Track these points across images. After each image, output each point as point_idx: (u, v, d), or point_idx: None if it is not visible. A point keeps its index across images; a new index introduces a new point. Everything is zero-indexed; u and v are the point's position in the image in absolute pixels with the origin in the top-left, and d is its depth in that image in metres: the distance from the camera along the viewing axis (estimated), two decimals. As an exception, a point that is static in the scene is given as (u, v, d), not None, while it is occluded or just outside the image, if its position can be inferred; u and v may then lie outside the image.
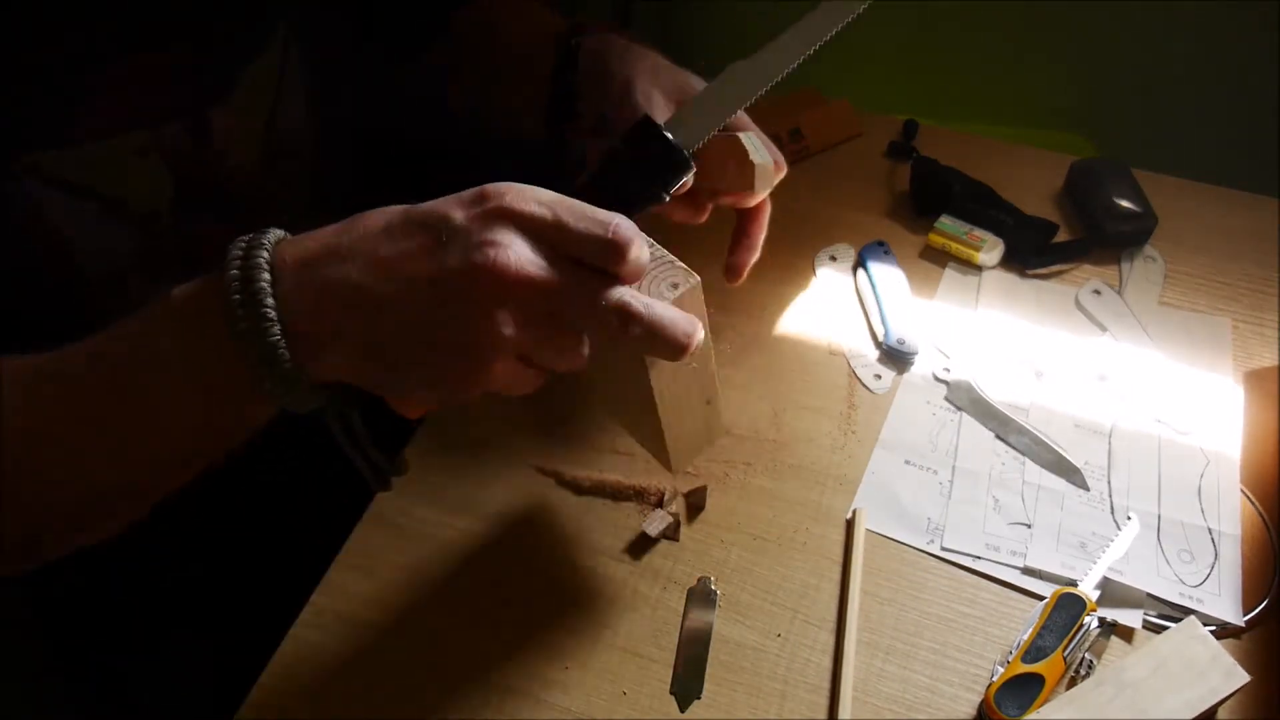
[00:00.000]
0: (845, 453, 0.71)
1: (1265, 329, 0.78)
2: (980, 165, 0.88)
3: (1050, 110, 1.37)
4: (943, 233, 0.83)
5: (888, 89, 1.38)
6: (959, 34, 1.36)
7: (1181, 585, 0.63)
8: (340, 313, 0.43)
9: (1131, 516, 0.66)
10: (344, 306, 0.43)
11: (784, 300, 0.81)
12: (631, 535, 0.66)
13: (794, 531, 0.66)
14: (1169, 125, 1.30)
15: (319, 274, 0.43)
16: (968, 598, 0.63)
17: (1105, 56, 1.31)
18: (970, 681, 0.59)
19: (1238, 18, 1.21)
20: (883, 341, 0.76)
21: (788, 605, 0.63)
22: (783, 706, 0.59)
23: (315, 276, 0.43)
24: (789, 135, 0.91)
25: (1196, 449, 0.71)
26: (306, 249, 0.44)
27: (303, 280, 0.43)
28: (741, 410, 0.73)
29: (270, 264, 0.43)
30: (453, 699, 0.59)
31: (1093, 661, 0.59)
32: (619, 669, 0.60)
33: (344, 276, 0.43)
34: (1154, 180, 0.87)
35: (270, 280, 0.43)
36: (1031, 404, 0.73)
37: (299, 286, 0.43)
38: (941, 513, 0.67)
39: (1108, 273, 0.83)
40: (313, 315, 0.43)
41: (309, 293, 0.43)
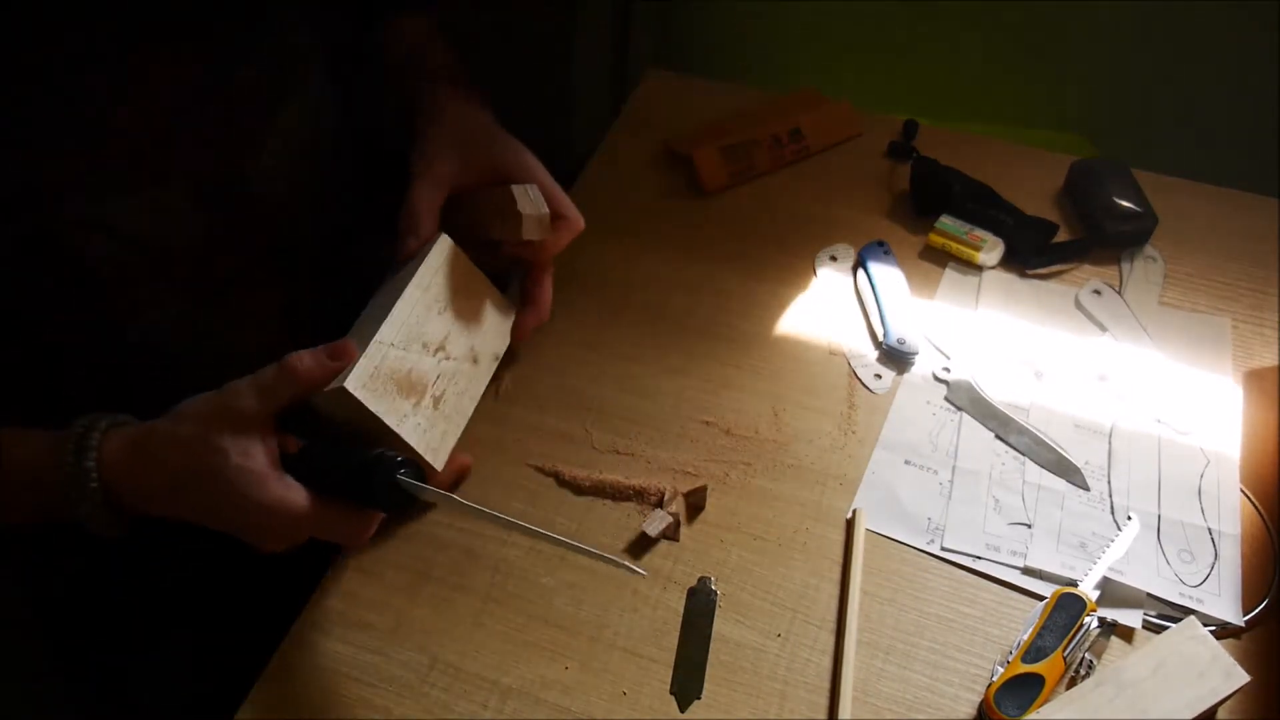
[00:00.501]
0: (845, 453, 0.71)
1: (1265, 329, 0.78)
2: (980, 165, 0.88)
3: (1050, 110, 1.37)
4: (943, 233, 0.83)
5: (888, 89, 1.38)
6: (959, 34, 1.36)
7: (1181, 585, 0.63)
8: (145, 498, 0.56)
9: (1131, 516, 0.66)
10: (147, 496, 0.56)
11: (784, 300, 0.81)
12: (631, 535, 0.66)
13: (794, 531, 0.66)
14: (1169, 125, 1.29)
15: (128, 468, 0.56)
16: (968, 598, 0.63)
17: (1105, 56, 1.31)
18: (970, 681, 0.59)
19: (1238, 18, 1.21)
20: (883, 341, 0.76)
21: (788, 605, 0.63)
22: (783, 706, 0.59)
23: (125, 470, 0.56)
24: (789, 135, 0.91)
25: (1196, 449, 0.71)
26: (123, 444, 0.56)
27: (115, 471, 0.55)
28: (741, 410, 0.73)
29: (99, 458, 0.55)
30: (453, 699, 0.59)
31: (1093, 661, 0.59)
32: (619, 669, 0.60)
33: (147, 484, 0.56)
34: (1154, 180, 0.87)
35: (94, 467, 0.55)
36: (1031, 404, 0.73)
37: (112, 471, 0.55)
38: (941, 513, 0.67)
39: (1108, 273, 0.83)
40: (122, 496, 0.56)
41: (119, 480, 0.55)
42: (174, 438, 0.56)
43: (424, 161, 0.68)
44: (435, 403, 0.64)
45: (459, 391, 0.67)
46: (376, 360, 0.60)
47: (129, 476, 0.56)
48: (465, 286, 0.68)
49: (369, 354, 0.59)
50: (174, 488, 0.56)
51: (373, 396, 0.59)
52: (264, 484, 0.55)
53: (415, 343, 0.63)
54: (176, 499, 0.57)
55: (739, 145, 0.90)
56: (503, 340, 0.72)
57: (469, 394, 0.68)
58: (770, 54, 1.50)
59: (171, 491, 0.56)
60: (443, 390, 0.65)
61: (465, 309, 0.68)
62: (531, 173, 0.69)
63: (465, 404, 0.68)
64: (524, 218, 0.65)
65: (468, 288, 0.69)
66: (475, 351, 0.68)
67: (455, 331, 0.67)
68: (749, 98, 0.98)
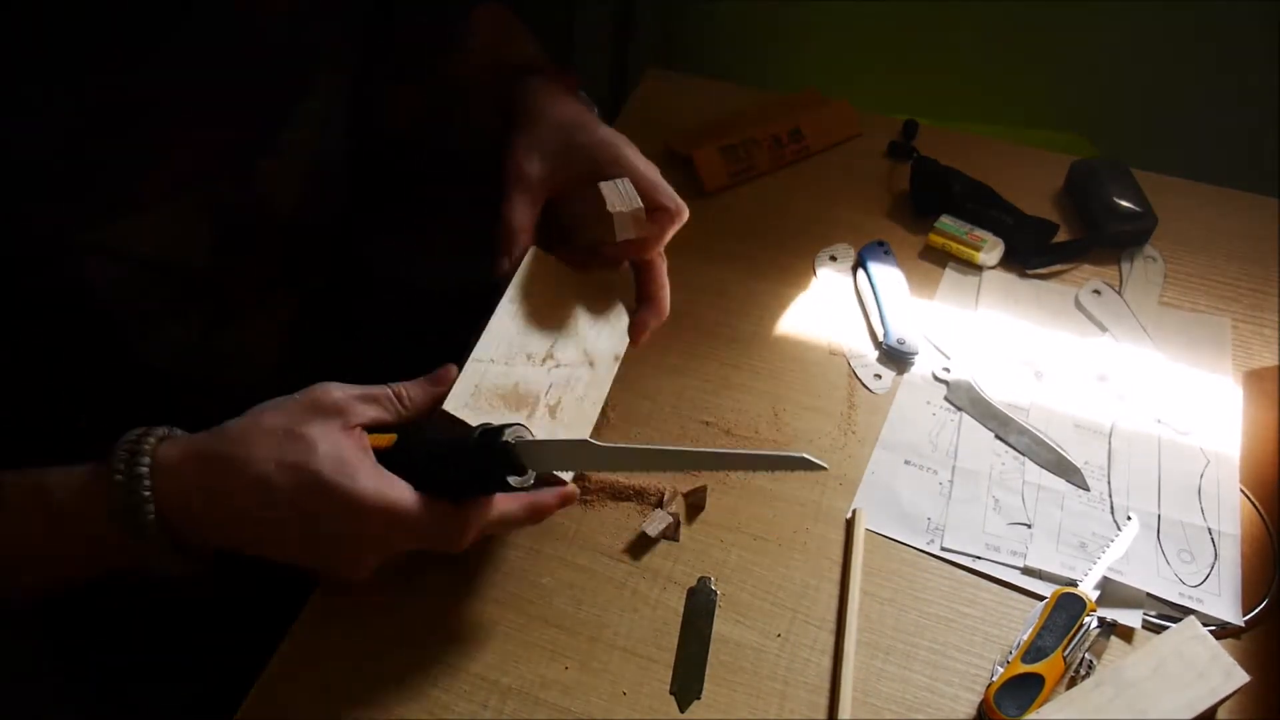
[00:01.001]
0: (845, 453, 0.71)
1: (1265, 329, 0.78)
2: (980, 165, 0.88)
3: (1050, 110, 1.37)
4: (943, 233, 0.83)
5: (888, 89, 1.38)
6: (959, 34, 1.36)
7: (1181, 585, 0.63)
8: (215, 520, 0.51)
9: (1131, 516, 0.66)
10: (219, 518, 0.50)
11: (784, 300, 0.81)
12: (631, 535, 0.66)
13: (794, 531, 0.66)
14: (1169, 125, 1.30)
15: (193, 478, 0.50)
16: (968, 598, 0.63)
17: (1105, 57, 1.31)
18: (970, 681, 0.59)
19: (1238, 18, 1.21)
20: (883, 341, 0.76)
21: (788, 605, 0.63)
22: (783, 706, 0.59)
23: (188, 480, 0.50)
24: (789, 135, 0.91)
25: (1196, 449, 0.71)
26: (187, 450, 0.51)
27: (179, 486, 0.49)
28: (741, 410, 0.73)
29: (151, 464, 0.49)
30: (453, 699, 0.59)
31: (1093, 661, 0.59)
32: (619, 669, 0.60)
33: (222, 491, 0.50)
34: (1154, 180, 0.87)
35: (150, 474, 0.49)
36: (1031, 404, 0.73)
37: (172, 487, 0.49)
38: (941, 513, 0.67)
39: (1108, 273, 0.83)
40: (183, 514, 0.50)
41: (180, 496, 0.49)
42: (247, 434, 0.50)
43: (514, 172, 0.64)
44: (551, 411, 0.62)
45: (578, 397, 0.65)
46: (476, 379, 0.58)
47: (190, 488, 0.49)
48: (565, 292, 0.66)
49: (467, 373, 0.57)
50: (245, 495, 0.49)
51: (477, 414, 0.57)
52: (358, 472, 0.49)
53: (518, 355, 0.61)
54: (248, 511, 0.50)
55: (739, 145, 0.90)
56: (621, 340, 0.68)
57: (589, 399, 0.66)
58: (770, 54, 1.50)
59: (242, 502, 0.49)
60: (558, 398, 0.63)
61: (569, 314, 0.65)
62: (626, 164, 0.64)
63: (588, 409, 0.66)
64: (615, 216, 0.61)
65: (568, 292, 0.66)
66: (590, 355, 0.66)
67: (562, 339, 0.65)
68: (749, 98, 0.98)
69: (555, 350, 0.64)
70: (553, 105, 0.67)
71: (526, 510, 0.57)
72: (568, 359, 0.65)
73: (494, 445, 0.52)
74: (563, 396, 0.63)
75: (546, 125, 0.66)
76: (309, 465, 0.49)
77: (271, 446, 0.49)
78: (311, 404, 0.51)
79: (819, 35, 1.46)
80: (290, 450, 0.49)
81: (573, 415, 0.64)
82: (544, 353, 0.63)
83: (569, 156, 0.65)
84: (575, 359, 0.65)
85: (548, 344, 0.64)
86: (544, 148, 0.65)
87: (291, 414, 0.51)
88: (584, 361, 0.66)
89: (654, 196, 0.63)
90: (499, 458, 0.52)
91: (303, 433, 0.49)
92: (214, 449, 0.50)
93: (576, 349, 0.65)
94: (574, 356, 0.65)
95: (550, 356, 0.63)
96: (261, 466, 0.49)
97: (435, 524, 0.52)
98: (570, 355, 0.65)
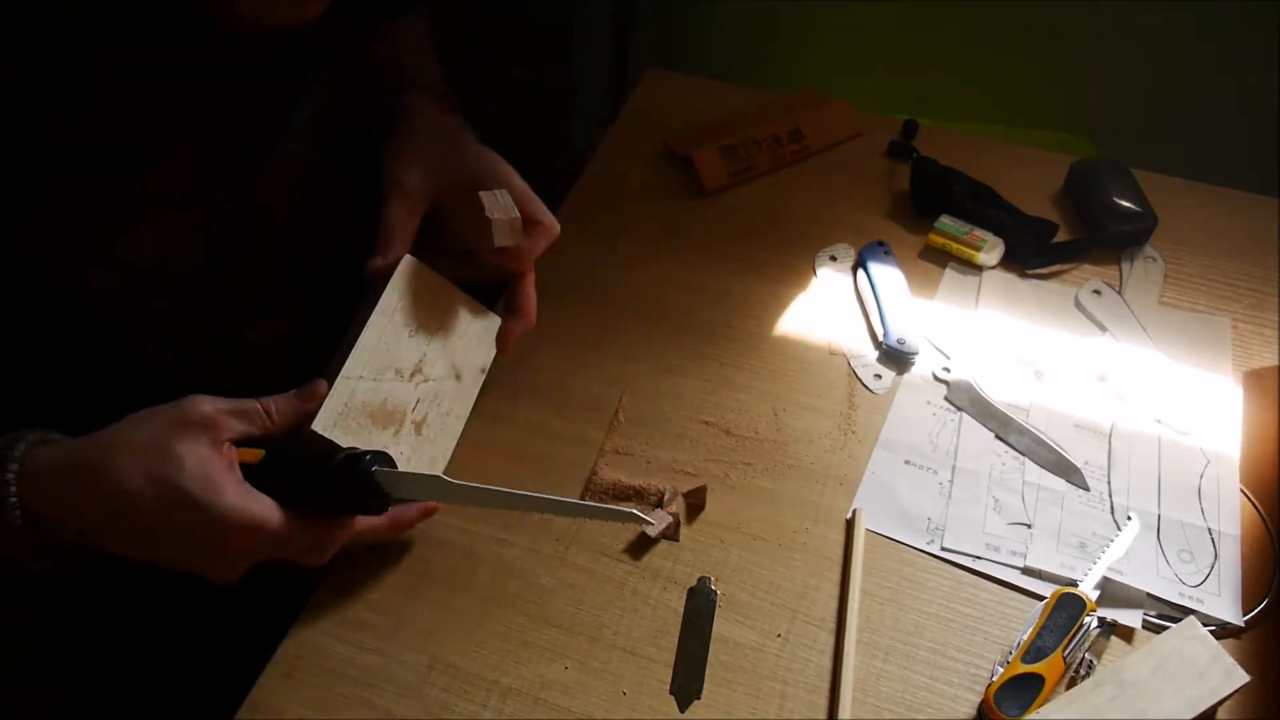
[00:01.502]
0: (845, 453, 0.71)
1: (1265, 329, 0.78)
2: (980, 165, 0.88)
3: (1050, 110, 1.37)
4: (943, 233, 0.83)
5: (888, 89, 1.38)
6: (959, 34, 1.36)
7: (1181, 585, 0.63)
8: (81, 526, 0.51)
9: (1131, 516, 0.66)
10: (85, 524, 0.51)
11: (784, 300, 0.81)
12: (631, 535, 0.66)
13: (794, 531, 0.66)
14: (1169, 125, 1.30)
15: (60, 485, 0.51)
16: (967, 598, 0.63)
17: (1105, 57, 1.31)
18: (970, 681, 0.59)
19: (1238, 18, 1.21)
20: (883, 341, 0.76)
21: (788, 605, 0.63)
22: (783, 706, 0.59)
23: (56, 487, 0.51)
24: (789, 135, 0.91)
25: (1196, 449, 0.71)
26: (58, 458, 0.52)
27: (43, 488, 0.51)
28: (741, 410, 0.73)
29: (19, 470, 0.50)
30: (453, 699, 0.59)
31: (1092, 661, 0.59)
32: (619, 669, 0.60)
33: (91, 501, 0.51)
34: (1154, 180, 0.87)
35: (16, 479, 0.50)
36: (1031, 404, 0.73)
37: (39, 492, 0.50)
38: (941, 513, 0.67)
39: (1108, 273, 0.83)
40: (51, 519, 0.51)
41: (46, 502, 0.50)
42: (117, 446, 0.51)
43: (393, 177, 0.66)
44: (417, 428, 0.64)
45: (444, 412, 0.66)
46: (345, 397, 0.59)
47: (59, 494, 0.51)
48: (436, 303, 0.66)
49: (336, 391, 0.58)
50: (113, 507, 0.50)
51: (346, 434, 0.58)
52: (224, 490, 0.50)
53: (388, 370, 0.62)
54: (116, 521, 0.51)
55: (739, 145, 0.90)
56: (488, 352, 0.70)
57: (455, 413, 0.67)
58: (770, 54, 1.50)
59: (110, 513, 0.50)
60: (424, 414, 0.64)
61: (439, 326, 0.66)
62: (503, 176, 0.66)
63: (452, 424, 0.67)
64: (494, 223, 0.62)
65: (440, 304, 0.67)
66: (457, 368, 0.67)
67: (432, 351, 0.65)
68: (749, 98, 0.98)
69: (424, 363, 0.65)
70: (429, 117, 0.69)
71: (389, 523, 0.60)
72: (436, 373, 0.66)
73: (356, 472, 0.53)
74: (429, 412, 0.65)
75: (424, 135, 0.68)
76: (176, 481, 0.50)
77: (139, 460, 0.50)
78: (181, 418, 0.52)
79: (819, 35, 1.46)
80: (157, 465, 0.50)
81: (437, 430, 0.66)
82: (413, 366, 0.64)
83: (446, 166, 0.67)
84: (443, 372, 0.66)
85: (417, 357, 0.64)
86: (422, 157, 0.67)
87: (161, 428, 0.52)
88: (451, 375, 0.67)
89: (530, 209, 0.66)
90: (362, 484, 0.53)
91: (171, 447, 0.50)
92: (84, 459, 0.51)
93: (445, 362, 0.67)
94: (442, 370, 0.66)
95: (419, 370, 0.64)
96: (129, 480, 0.50)
97: (298, 539, 0.53)
98: (439, 369, 0.66)
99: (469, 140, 0.69)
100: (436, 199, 0.67)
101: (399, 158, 0.67)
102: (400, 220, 0.65)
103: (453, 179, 0.66)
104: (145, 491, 0.50)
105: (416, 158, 0.67)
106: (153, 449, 0.50)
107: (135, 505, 0.50)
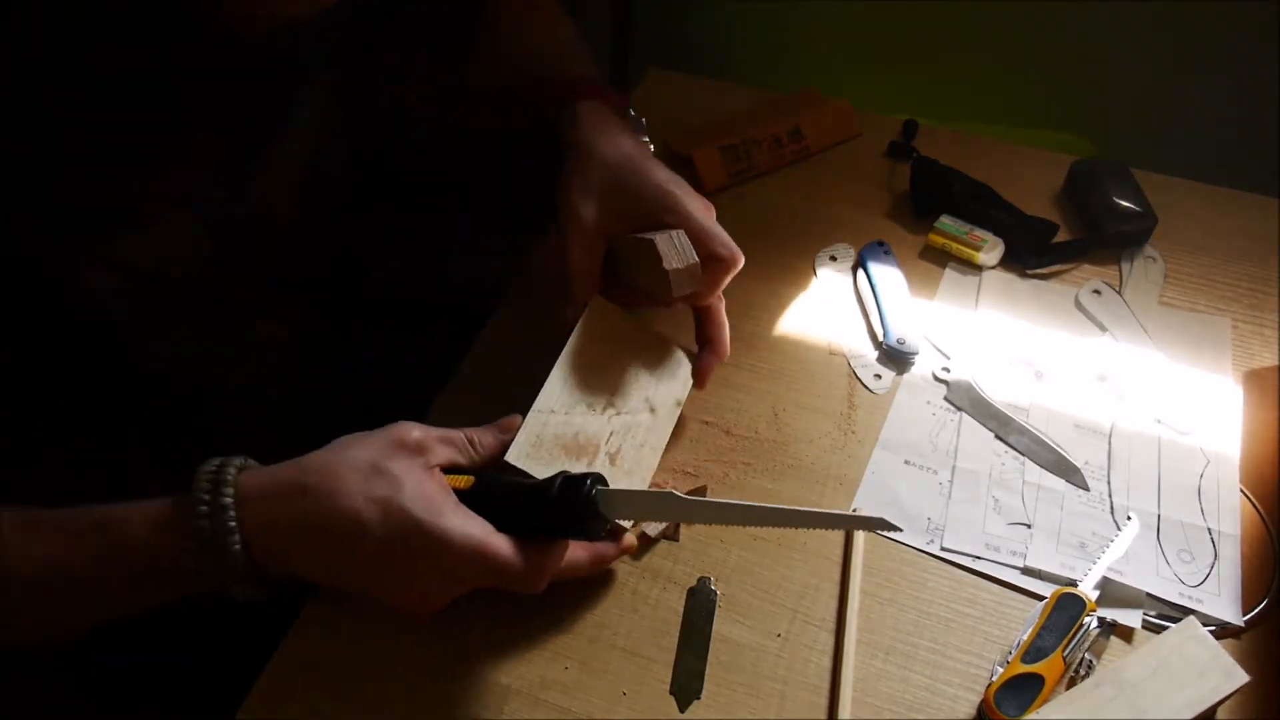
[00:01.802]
0: (845, 453, 0.71)
1: (1265, 329, 0.78)
2: (980, 165, 0.88)
3: (1050, 110, 1.37)
4: (943, 233, 0.83)
5: (888, 89, 1.38)
6: (959, 34, 1.36)
7: (1181, 585, 0.63)
8: (301, 552, 0.50)
9: (1131, 516, 0.66)
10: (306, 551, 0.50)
11: (784, 300, 0.81)
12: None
13: (794, 531, 0.66)
14: (1169, 125, 1.30)
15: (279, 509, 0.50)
16: (967, 598, 0.63)
17: (1105, 56, 1.31)
18: (970, 681, 0.59)
19: (1238, 18, 1.21)
20: (883, 341, 0.76)
21: (788, 605, 0.63)
22: (783, 706, 0.59)
23: (275, 512, 0.50)
24: (789, 135, 0.91)
25: (1196, 449, 0.71)
26: (270, 481, 0.50)
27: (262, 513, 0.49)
28: (741, 410, 0.73)
29: (235, 495, 0.49)
30: (453, 699, 0.59)
31: (1092, 661, 0.59)
32: (619, 669, 0.60)
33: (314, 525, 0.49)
34: (1154, 180, 0.87)
35: (234, 504, 0.49)
36: (1031, 404, 0.73)
37: (258, 518, 0.49)
38: (941, 513, 0.67)
39: (1108, 273, 0.83)
40: (269, 546, 0.49)
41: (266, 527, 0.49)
42: (333, 468, 0.50)
43: (571, 215, 0.63)
44: (611, 459, 0.64)
45: (638, 444, 0.65)
46: (537, 429, 0.60)
47: (275, 519, 0.49)
48: (625, 340, 0.67)
49: (528, 424, 0.59)
50: (334, 530, 0.49)
51: (538, 465, 0.58)
52: (445, 512, 0.49)
53: (579, 405, 0.63)
54: (337, 545, 0.50)
55: (739, 145, 0.90)
56: (682, 385, 0.69)
57: (649, 445, 0.66)
58: (770, 54, 1.50)
59: (330, 536, 0.49)
60: (618, 446, 0.64)
61: (630, 362, 0.66)
62: (681, 211, 0.62)
63: (648, 455, 0.66)
64: (671, 274, 0.60)
65: (629, 340, 0.67)
66: (650, 402, 0.67)
67: (625, 387, 0.65)
68: (749, 98, 0.98)
69: (616, 399, 0.65)
70: (606, 141, 0.65)
71: (591, 558, 0.59)
72: (629, 407, 0.65)
73: (579, 493, 0.53)
74: (623, 444, 0.64)
75: (600, 165, 0.64)
76: (397, 501, 0.49)
77: (359, 481, 0.49)
78: (394, 441, 0.52)
79: (819, 35, 1.46)
80: (378, 485, 0.49)
81: (632, 462, 0.65)
82: (604, 401, 0.64)
83: (624, 201, 0.63)
84: (636, 406, 0.66)
85: (608, 393, 0.64)
86: (600, 191, 0.63)
87: (375, 450, 0.51)
88: (645, 408, 0.66)
89: (709, 246, 0.62)
90: (583, 506, 0.53)
91: (388, 469, 0.49)
92: (300, 481, 0.50)
93: (638, 396, 0.66)
94: (635, 404, 0.66)
95: (610, 405, 0.64)
96: (351, 500, 0.49)
97: (518, 565, 0.52)
98: (631, 403, 0.66)
99: (647, 166, 0.65)
100: (616, 233, 0.64)
101: (574, 191, 0.63)
102: (582, 264, 0.63)
103: (630, 215, 0.63)
104: (366, 513, 0.48)
105: (593, 191, 0.63)
106: (370, 471, 0.49)
107: (358, 525, 0.49)
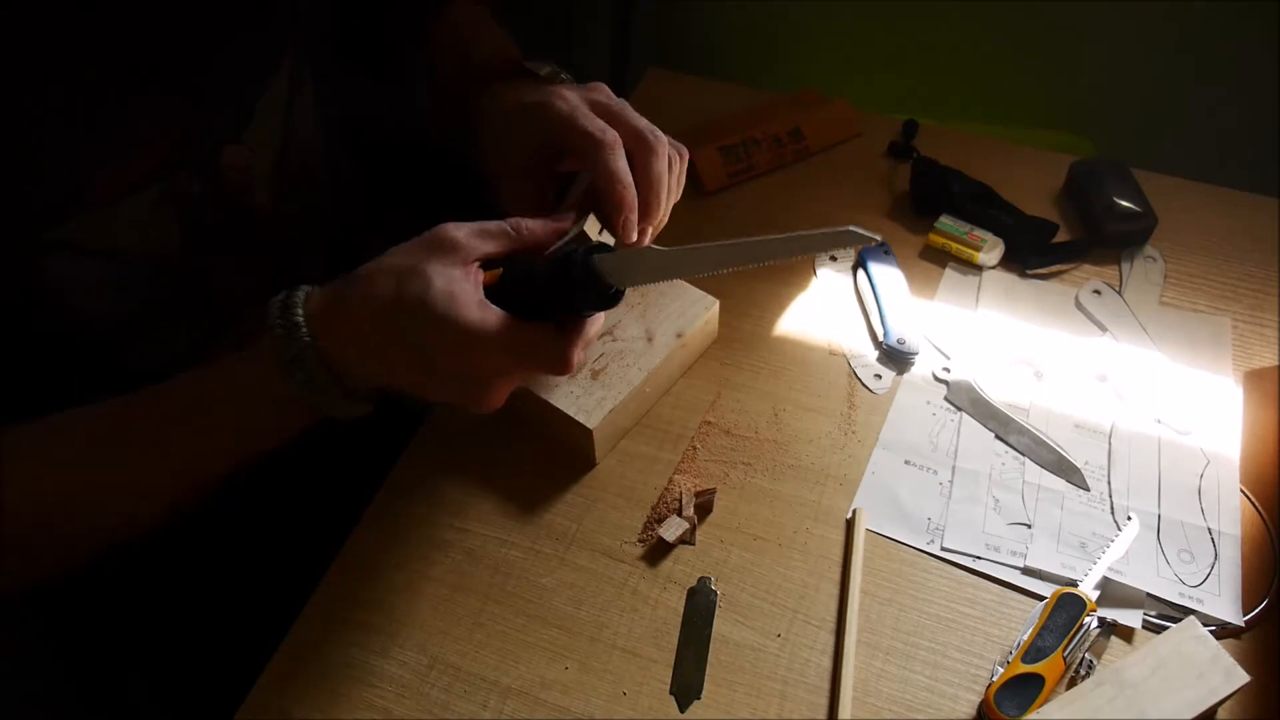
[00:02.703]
0: (845, 453, 0.71)
1: (1265, 329, 0.78)
2: (980, 165, 0.88)
3: (1050, 110, 1.37)
4: (943, 233, 0.83)
5: (888, 89, 1.38)
6: (959, 34, 1.36)
7: (1181, 585, 0.63)
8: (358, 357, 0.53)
9: (1131, 516, 0.66)
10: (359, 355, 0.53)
11: (784, 300, 0.81)
12: (631, 535, 0.66)
13: (794, 531, 0.66)
14: (1169, 125, 1.30)
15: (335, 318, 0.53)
16: (968, 598, 0.63)
17: (1105, 56, 1.31)
18: (970, 681, 0.59)
19: (1237, 18, 1.21)
20: (883, 341, 0.76)
21: (788, 605, 0.63)
22: (783, 706, 0.59)
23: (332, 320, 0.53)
24: (789, 135, 0.91)
25: (1196, 449, 0.71)
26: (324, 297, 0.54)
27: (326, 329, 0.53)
28: (741, 410, 0.73)
29: (304, 314, 0.53)
30: (453, 699, 0.59)
31: (1093, 661, 0.59)
32: (619, 669, 0.60)
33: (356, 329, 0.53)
34: (1154, 180, 0.87)
35: (304, 322, 0.53)
36: (1031, 404, 0.73)
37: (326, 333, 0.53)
38: (941, 513, 0.67)
39: (1108, 273, 0.83)
40: (334, 353, 0.53)
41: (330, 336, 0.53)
42: (377, 269, 0.53)
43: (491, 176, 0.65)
44: (594, 375, 0.68)
45: (626, 364, 0.69)
46: None
47: (334, 332, 0.53)
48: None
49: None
50: (374, 337, 0.53)
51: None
52: (464, 307, 0.51)
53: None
54: (379, 350, 0.53)
55: (739, 145, 0.90)
56: (689, 321, 0.72)
57: (638, 366, 0.69)
58: (770, 54, 1.50)
59: (373, 344, 0.53)
60: (605, 365, 0.69)
61: (638, 300, 0.72)
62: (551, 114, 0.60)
63: (632, 374, 0.69)
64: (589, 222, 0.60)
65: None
66: (650, 332, 0.71)
67: (628, 318, 0.71)
68: (749, 98, 0.98)
69: (618, 329, 0.69)
70: (502, 99, 0.67)
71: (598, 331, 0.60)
72: (628, 334, 0.70)
73: (575, 264, 0.54)
74: (610, 364, 0.68)
75: (500, 119, 0.66)
76: (422, 297, 0.51)
77: (390, 284, 0.52)
78: (432, 242, 0.54)
79: (819, 35, 1.46)
80: (408, 286, 0.51)
81: (617, 377, 0.68)
82: (604, 330, 0.68)
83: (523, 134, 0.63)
84: (635, 335, 0.70)
85: (611, 323, 0.69)
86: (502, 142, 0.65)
87: (415, 251, 0.53)
88: (643, 337, 0.70)
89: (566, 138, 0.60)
90: (583, 273, 0.54)
91: (421, 268, 0.52)
92: (345, 292, 0.54)
93: (640, 327, 0.71)
94: (635, 333, 0.70)
95: (609, 333, 0.69)
96: (381, 302, 0.52)
97: (535, 345, 0.54)
98: (632, 331, 0.70)
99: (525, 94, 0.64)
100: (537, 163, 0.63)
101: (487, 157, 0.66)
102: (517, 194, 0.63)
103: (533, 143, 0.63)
104: (392, 310, 0.52)
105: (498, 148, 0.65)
106: (405, 270, 0.52)
107: (388, 325, 0.52)
